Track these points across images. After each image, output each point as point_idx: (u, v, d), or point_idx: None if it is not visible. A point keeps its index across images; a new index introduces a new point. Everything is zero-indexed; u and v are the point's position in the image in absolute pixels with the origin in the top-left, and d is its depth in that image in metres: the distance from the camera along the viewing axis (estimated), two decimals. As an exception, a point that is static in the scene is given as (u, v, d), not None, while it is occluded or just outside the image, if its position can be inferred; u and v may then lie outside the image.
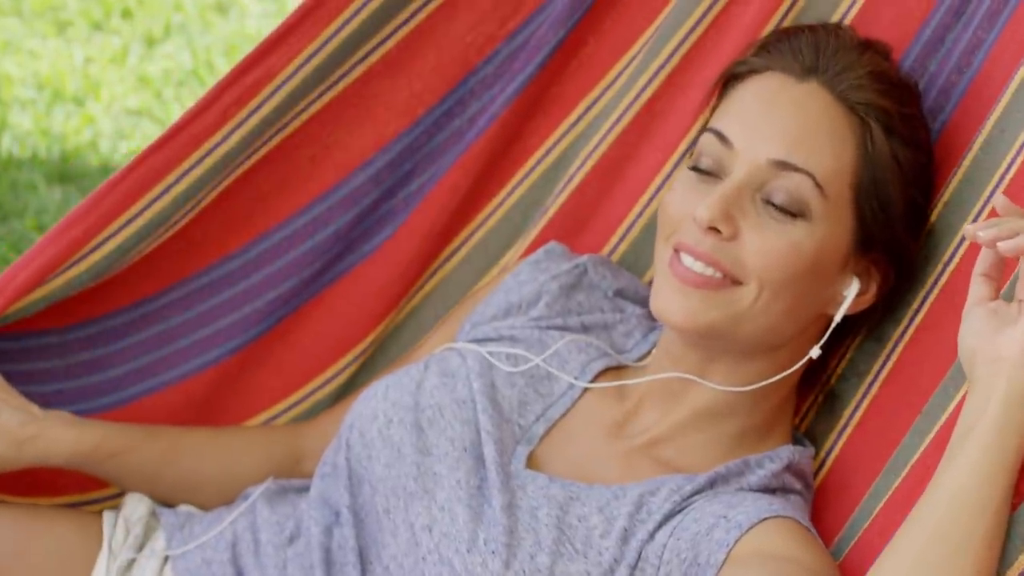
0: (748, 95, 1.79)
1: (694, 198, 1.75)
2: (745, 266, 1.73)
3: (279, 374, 2.13)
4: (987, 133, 1.74)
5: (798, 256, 1.73)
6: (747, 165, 1.74)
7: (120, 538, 1.94)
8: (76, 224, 1.94)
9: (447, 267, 2.14)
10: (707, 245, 1.73)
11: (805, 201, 1.73)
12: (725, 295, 1.74)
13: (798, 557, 1.61)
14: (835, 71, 1.77)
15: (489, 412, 1.81)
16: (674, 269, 1.75)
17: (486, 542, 1.69)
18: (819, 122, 1.75)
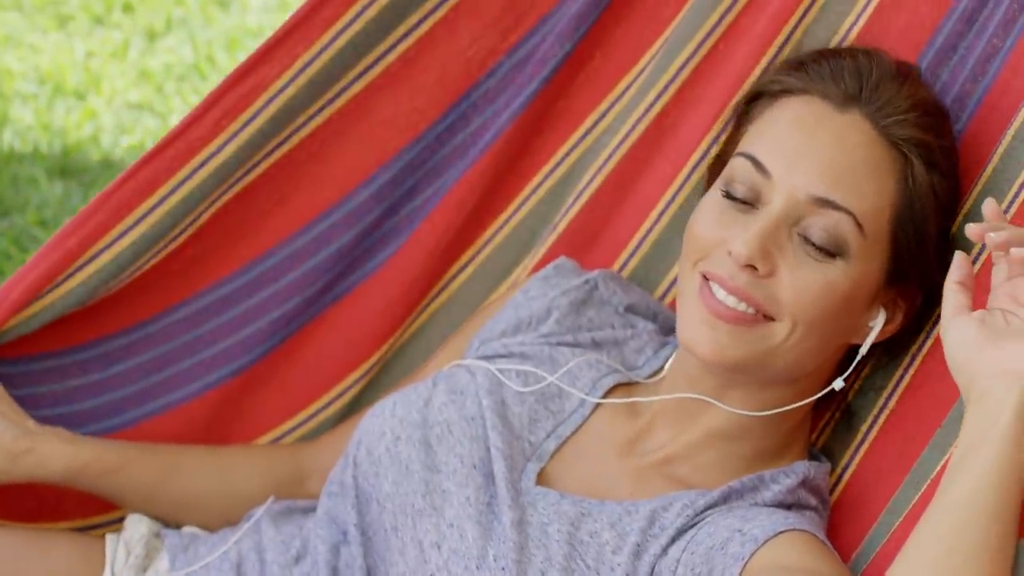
0: (785, 120, 1.74)
1: (727, 226, 1.71)
2: (779, 303, 1.70)
3: (283, 394, 2.11)
4: (1007, 144, 1.71)
5: (833, 295, 1.70)
6: (785, 198, 1.70)
7: (122, 560, 1.92)
8: (71, 236, 1.93)
9: (453, 285, 2.11)
10: (741, 280, 1.69)
11: (844, 240, 1.69)
12: (757, 331, 1.70)
13: (816, 569, 1.59)
14: (877, 103, 1.73)
15: (499, 429, 1.79)
16: (704, 300, 1.71)
17: (496, 559, 1.67)
18: (861, 158, 1.70)
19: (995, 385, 1.47)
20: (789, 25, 1.96)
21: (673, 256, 2.00)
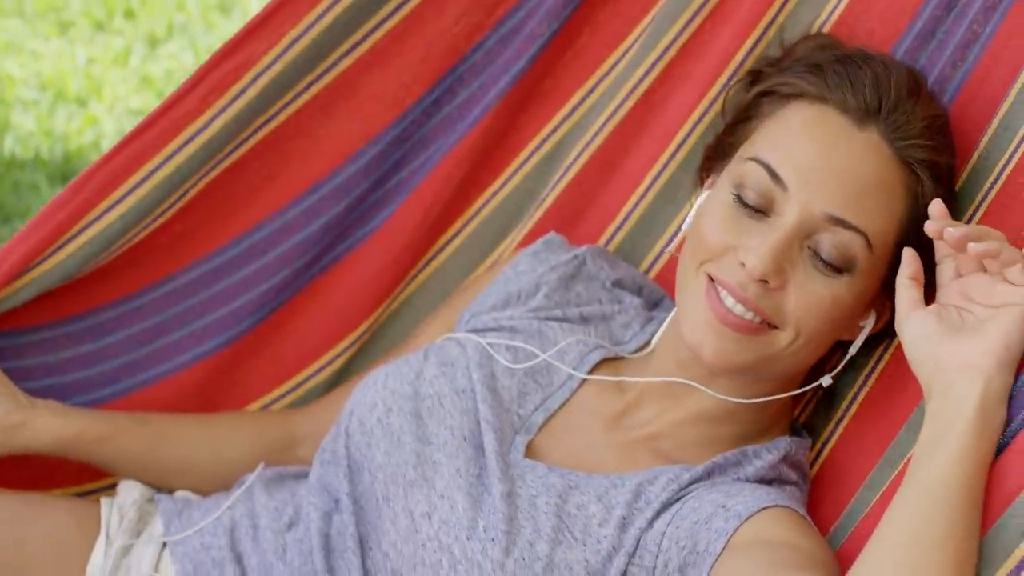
0: (802, 130, 1.74)
1: (738, 233, 1.73)
2: (785, 314, 1.72)
3: (273, 363, 2.14)
4: (992, 133, 1.74)
5: (837, 309, 1.73)
6: (800, 213, 1.71)
7: (116, 523, 1.95)
8: (60, 209, 1.95)
9: (441, 256, 2.15)
10: (751, 291, 1.71)
11: (853, 257, 1.71)
12: (761, 339, 1.73)
13: (796, 543, 1.62)
14: (894, 123, 1.73)
15: (489, 402, 1.82)
16: (712, 305, 1.73)
17: (486, 529, 1.70)
18: (877, 179, 1.72)
19: (958, 379, 1.51)
20: (774, 7, 1.98)
21: (658, 231, 2.05)
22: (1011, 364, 1.51)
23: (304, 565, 1.82)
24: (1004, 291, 1.54)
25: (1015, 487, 1.43)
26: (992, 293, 1.55)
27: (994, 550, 1.42)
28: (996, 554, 1.42)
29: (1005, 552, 1.41)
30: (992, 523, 1.44)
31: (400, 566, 1.75)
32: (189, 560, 1.89)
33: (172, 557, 1.90)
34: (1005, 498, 1.44)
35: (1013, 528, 1.41)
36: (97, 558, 1.91)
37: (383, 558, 1.77)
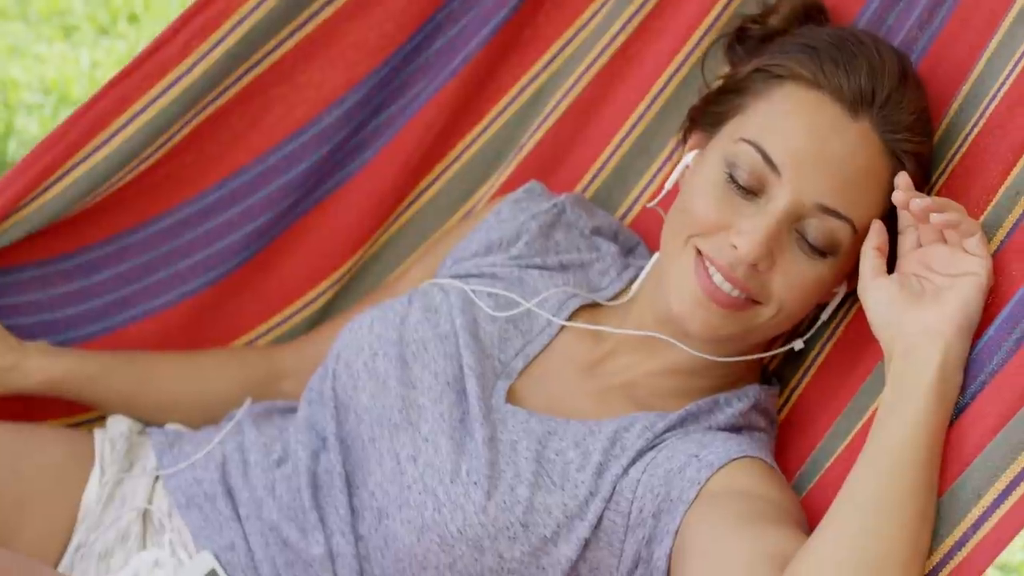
0: (798, 118, 1.76)
1: (728, 212, 1.76)
2: (770, 293, 1.78)
3: (257, 301, 2.20)
4: (961, 100, 1.80)
5: (819, 288, 1.79)
6: (792, 200, 1.74)
7: (108, 455, 2.02)
8: (47, 152, 1.99)
9: (423, 199, 2.20)
10: (740, 272, 1.75)
11: (839, 243, 1.76)
12: (746, 313, 1.79)
13: (765, 494, 1.70)
14: (886, 114, 1.76)
15: (471, 347, 1.88)
16: (701, 281, 1.77)
17: (468, 473, 1.77)
18: (867, 170, 1.75)
19: (919, 343, 1.58)
20: None
21: (634, 180, 2.11)
22: (969, 331, 1.58)
23: (293, 501, 1.89)
24: (963, 261, 1.61)
25: (971, 450, 1.51)
26: (951, 262, 1.62)
27: (951, 510, 1.50)
28: (953, 514, 1.50)
29: (961, 512, 1.49)
30: (949, 484, 1.51)
31: (386, 505, 1.81)
32: (182, 493, 1.95)
33: (165, 490, 1.97)
34: (962, 460, 1.51)
35: (969, 489, 1.49)
36: (92, 489, 1.98)
37: (369, 497, 1.84)
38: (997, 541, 1.46)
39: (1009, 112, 1.69)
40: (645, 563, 1.73)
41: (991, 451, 1.49)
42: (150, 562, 1.91)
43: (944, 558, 1.49)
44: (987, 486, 1.48)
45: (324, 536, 1.85)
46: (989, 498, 1.47)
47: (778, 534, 1.60)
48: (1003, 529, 1.46)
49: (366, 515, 1.84)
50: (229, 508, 1.93)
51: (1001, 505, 1.46)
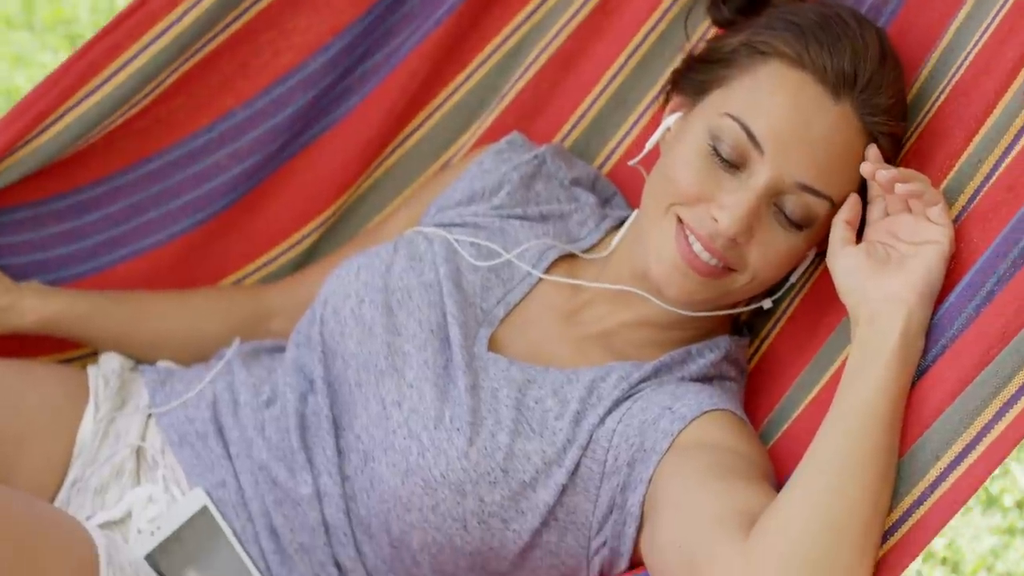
0: (782, 99, 1.79)
1: (710, 184, 1.81)
2: (747, 262, 1.83)
3: (245, 241, 2.26)
4: (931, 65, 1.86)
5: (795, 257, 1.86)
6: (773, 177, 1.79)
7: (102, 391, 2.08)
8: (41, 98, 2.04)
9: (407, 144, 2.26)
10: (720, 243, 1.81)
11: (815, 216, 1.82)
12: (722, 281, 1.85)
13: (735, 447, 1.78)
14: (867, 98, 1.80)
15: (454, 296, 1.94)
16: (681, 249, 1.83)
17: (451, 420, 1.83)
18: (847, 149, 1.80)
19: (883, 309, 1.64)
20: None
21: (611, 131, 2.17)
22: (931, 297, 1.65)
23: (282, 441, 1.95)
24: (927, 229, 1.68)
25: (931, 413, 1.58)
26: (916, 231, 1.69)
27: (910, 471, 1.57)
28: (912, 474, 1.57)
29: (920, 473, 1.56)
30: (909, 445, 1.58)
31: (372, 448, 1.88)
32: (175, 431, 2.02)
33: (158, 426, 2.04)
34: (921, 423, 1.58)
35: (928, 451, 1.56)
36: (87, 425, 2.04)
37: (355, 440, 1.90)
38: (953, 502, 1.53)
39: (974, 80, 1.75)
40: (619, 509, 1.80)
41: (949, 415, 1.56)
42: (144, 498, 1.98)
43: (903, 516, 1.57)
44: (944, 449, 1.55)
45: (312, 476, 1.92)
46: (946, 460, 1.55)
47: (747, 489, 1.68)
48: (958, 490, 1.53)
49: (352, 457, 1.91)
50: (220, 447, 1.99)
51: (957, 467, 1.54)
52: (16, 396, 2.04)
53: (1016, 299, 1.55)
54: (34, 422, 2.03)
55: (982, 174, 1.69)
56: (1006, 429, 1.51)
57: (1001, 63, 1.71)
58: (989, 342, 1.56)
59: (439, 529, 1.83)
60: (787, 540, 1.54)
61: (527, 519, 1.82)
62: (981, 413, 1.53)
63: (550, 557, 1.85)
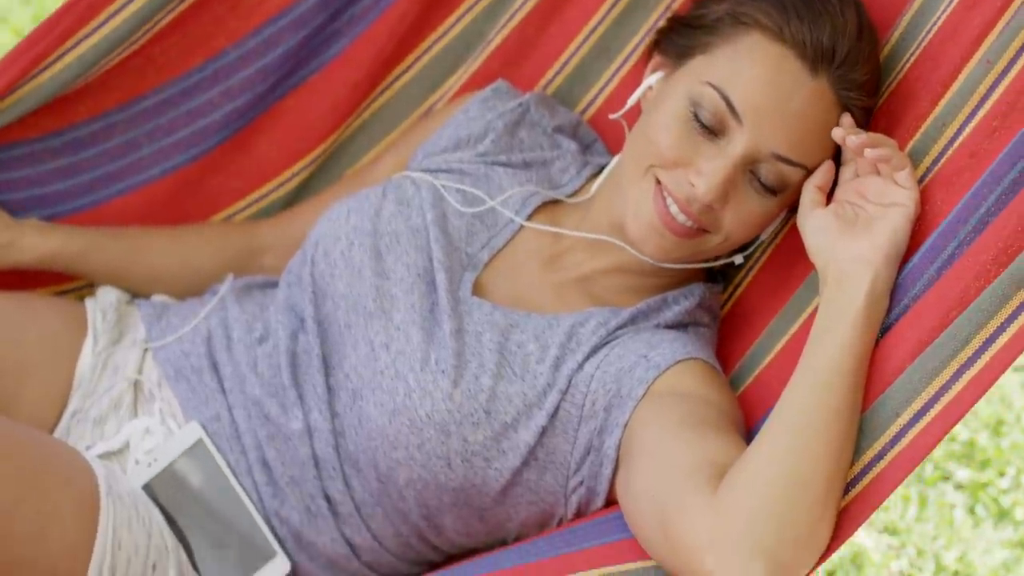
0: (762, 72, 1.84)
1: (689, 149, 1.87)
2: (720, 224, 1.90)
3: (236, 178, 2.32)
4: (903, 28, 1.91)
5: (767, 220, 1.92)
6: (750, 147, 1.84)
7: (100, 323, 2.15)
8: (40, 40, 2.08)
9: (395, 86, 2.31)
10: (696, 207, 1.88)
11: (789, 182, 1.88)
12: (696, 240, 1.92)
13: (707, 397, 1.86)
14: (843, 74, 1.85)
15: (441, 242, 2.00)
16: (659, 210, 1.89)
17: (437, 362, 1.91)
18: (822, 122, 1.85)
19: (850, 270, 1.71)
20: None
21: (593, 78, 2.24)
22: (896, 259, 1.72)
23: (274, 378, 2.02)
24: (893, 192, 1.76)
25: (892, 371, 1.65)
26: (883, 193, 1.76)
27: (872, 427, 1.65)
28: (873, 430, 1.65)
29: (881, 429, 1.64)
30: (871, 402, 1.66)
31: (360, 387, 1.95)
32: (171, 365, 2.09)
33: (155, 360, 2.11)
34: (883, 380, 1.66)
35: (889, 408, 1.64)
36: (86, 357, 2.11)
37: (344, 378, 1.98)
38: (911, 457, 1.61)
39: (942, 46, 1.82)
40: (596, 451, 1.89)
41: (909, 374, 1.63)
42: (141, 429, 2.05)
43: (864, 469, 1.65)
44: (904, 407, 1.63)
45: (302, 412, 1.99)
46: (905, 418, 1.63)
47: (717, 440, 1.76)
48: (917, 447, 1.61)
49: (342, 395, 1.98)
50: (215, 382, 2.06)
51: (915, 424, 1.62)
52: (17, 329, 2.10)
53: (974, 265, 1.62)
54: (35, 355, 2.09)
55: (946, 138, 1.76)
56: (962, 390, 1.59)
57: (967, 30, 1.77)
58: (949, 304, 1.63)
59: (424, 466, 1.90)
60: (753, 495, 1.62)
61: (508, 458, 1.90)
62: (940, 374, 1.61)
63: (530, 494, 1.93)
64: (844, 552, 2.58)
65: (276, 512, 2.00)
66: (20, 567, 1.81)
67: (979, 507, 2.72)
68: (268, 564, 2.00)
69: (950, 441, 2.80)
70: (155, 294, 2.25)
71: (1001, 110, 1.69)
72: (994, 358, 1.58)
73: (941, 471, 2.77)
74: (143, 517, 1.94)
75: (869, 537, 2.62)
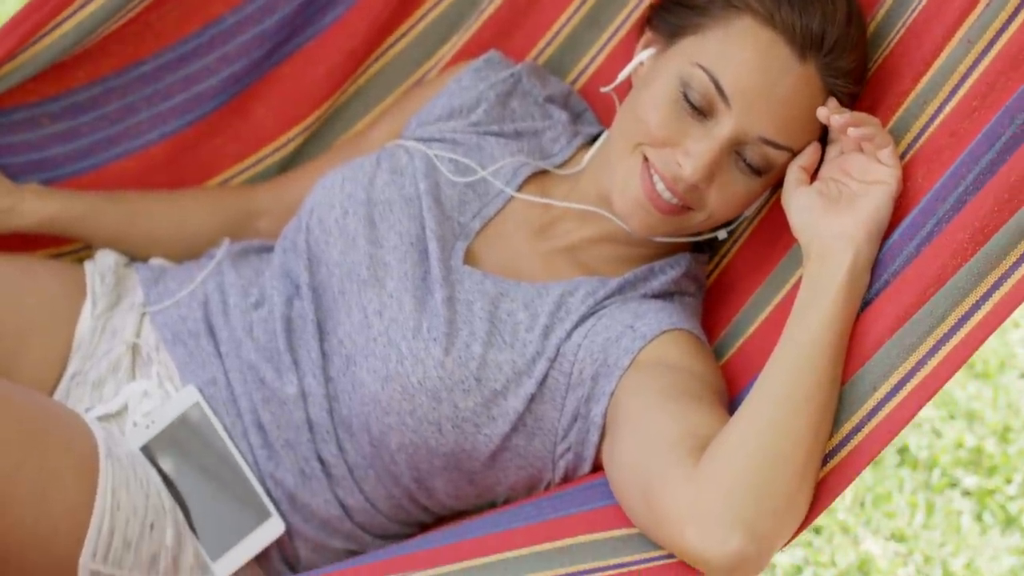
0: (752, 57, 1.86)
1: (678, 129, 1.90)
2: (705, 203, 1.93)
3: (233, 141, 2.34)
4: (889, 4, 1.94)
5: (750, 199, 1.95)
6: (737, 130, 1.87)
7: (98, 285, 2.18)
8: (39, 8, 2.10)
9: (390, 54, 2.34)
10: (683, 186, 1.91)
11: (775, 164, 1.91)
12: (680, 217, 1.95)
13: (691, 368, 1.90)
14: (831, 61, 1.87)
15: (433, 211, 2.04)
16: (645, 186, 1.92)
17: (428, 330, 1.94)
18: (808, 107, 1.88)
19: (833, 246, 1.75)
20: None
21: (584, 49, 2.26)
22: (878, 235, 1.76)
23: (269, 343, 2.06)
24: (876, 170, 1.79)
25: (871, 346, 1.69)
26: (867, 170, 1.80)
27: (850, 400, 1.69)
28: (852, 403, 1.69)
29: (859, 402, 1.68)
30: (850, 375, 1.70)
31: (354, 354, 1.99)
32: (168, 329, 2.12)
33: (152, 324, 2.14)
34: (862, 355, 1.70)
35: (867, 382, 1.68)
36: (85, 320, 2.14)
37: (338, 344, 2.01)
38: (888, 431, 1.66)
39: (926, 23, 1.85)
40: (583, 418, 1.93)
41: (888, 349, 1.67)
42: (139, 392, 2.09)
43: (842, 441, 1.69)
44: (882, 381, 1.67)
45: (297, 377, 2.03)
46: (883, 391, 1.67)
47: (700, 412, 1.80)
48: (893, 420, 1.65)
49: (336, 360, 2.02)
50: (211, 346, 2.10)
51: (892, 398, 1.66)
52: (17, 293, 2.13)
53: (953, 242, 1.66)
54: (35, 318, 2.12)
55: (927, 115, 1.79)
56: (938, 365, 1.63)
57: (950, 9, 1.80)
58: (927, 281, 1.67)
59: (416, 431, 1.95)
60: (733, 468, 1.66)
61: (498, 424, 1.95)
62: (917, 349, 1.65)
63: (519, 459, 1.98)
64: (851, 559, 2.60)
65: (271, 474, 2.04)
66: (21, 528, 1.85)
67: (986, 514, 2.74)
68: (263, 525, 2.04)
69: (957, 448, 2.82)
70: (153, 257, 2.28)
71: (981, 90, 1.72)
72: (969, 335, 1.62)
73: (948, 478, 2.79)
74: (141, 478, 1.98)
75: (876, 544, 2.64)
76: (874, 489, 2.69)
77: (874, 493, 2.69)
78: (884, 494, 2.69)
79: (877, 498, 2.68)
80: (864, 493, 2.69)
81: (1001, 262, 1.60)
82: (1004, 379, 2.95)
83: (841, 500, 2.65)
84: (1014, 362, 2.98)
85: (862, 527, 2.64)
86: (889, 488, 2.70)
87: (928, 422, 2.84)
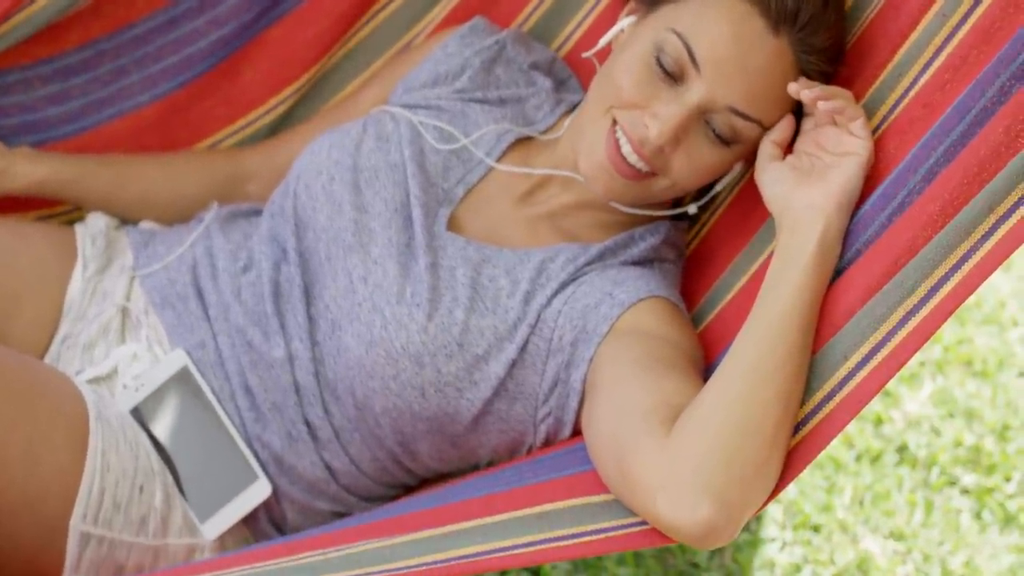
0: (726, 27, 1.88)
1: (649, 93, 1.92)
2: (670, 168, 1.95)
3: (223, 105, 2.37)
4: None
5: (717, 170, 1.97)
6: (706, 97, 1.89)
7: (89, 248, 2.21)
8: None
9: (379, 17, 2.36)
10: (648, 149, 1.93)
11: (743, 135, 1.93)
12: (644, 183, 1.97)
13: (668, 336, 1.92)
14: (805, 36, 1.89)
15: (418, 178, 2.06)
16: (609, 150, 1.94)
17: (412, 296, 1.97)
18: (779, 82, 1.89)
19: (803, 218, 1.77)
20: None
21: (569, 15, 2.28)
22: (849, 206, 1.78)
23: (257, 306, 2.09)
24: (848, 141, 1.81)
25: (842, 315, 1.71)
26: (839, 142, 1.82)
27: (821, 369, 1.71)
28: (822, 372, 1.71)
29: (829, 372, 1.70)
30: (821, 345, 1.72)
31: (339, 318, 2.01)
32: (157, 293, 2.15)
33: (142, 287, 2.17)
34: (833, 324, 1.72)
35: (838, 351, 1.70)
36: (76, 283, 2.17)
37: (325, 309, 2.04)
38: (857, 400, 1.68)
39: (904, -6, 1.87)
40: (563, 383, 1.96)
41: (858, 319, 1.69)
42: (129, 355, 2.11)
43: (812, 410, 1.71)
44: (853, 350, 1.69)
45: (284, 340, 2.06)
46: (854, 361, 1.69)
47: (674, 380, 1.82)
48: (863, 390, 1.67)
49: (322, 324, 2.04)
50: (200, 309, 2.12)
51: (863, 368, 1.68)
52: (10, 255, 2.15)
53: (922, 214, 1.68)
54: (26, 280, 2.14)
55: (902, 87, 1.81)
56: (907, 336, 1.65)
57: None
58: (898, 252, 1.69)
59: (399, 396, 1.97)
60: (703, 438, 1.69)
61: (480, 389, 1.97)
62: (887, 319, 1.67)
63: (501, 423, 2.01)
64: (850, 557, 2.60)
65: (258, 437, 2.07)
66: (12, 490, 1.88)
67: (985, 512, 2.74)
68: (250, 487, 2.07)
69: (956, 446, 2.82)
70: (144, 220, 2.30)
71: (953, 63, 1.74)
72: (938, 306, 1.64)
73: (947, 476, 2.79)
74: (130, 441, 2.01)
75: (875, 542, 2.64)
76: (873, 487, 2.70)
77: (873, 491, 2.70)
78: (883, 492, 2.70)
79: (876, 496, 2.69)
80: (863, 491, 2.70)
81: (970, 234, 1.62)
82: (1003, 377, 2.95)
83: (840, 498, 2.67)
84: (1013, 360, 2.98)
85: (861, 525, 2.65)
86: (888, 486, 2.71)
87: (927, 420, 2.84)
